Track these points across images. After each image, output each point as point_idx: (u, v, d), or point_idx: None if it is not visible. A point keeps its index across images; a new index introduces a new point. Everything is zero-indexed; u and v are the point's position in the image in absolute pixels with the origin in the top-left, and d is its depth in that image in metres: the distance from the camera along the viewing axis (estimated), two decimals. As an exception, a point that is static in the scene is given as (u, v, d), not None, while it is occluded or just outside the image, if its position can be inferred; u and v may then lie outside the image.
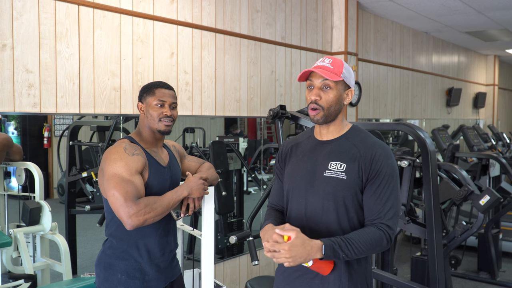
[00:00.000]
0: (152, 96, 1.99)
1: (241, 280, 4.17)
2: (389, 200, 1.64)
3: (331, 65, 1.69)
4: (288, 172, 1.81)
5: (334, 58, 1.73)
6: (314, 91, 1.70)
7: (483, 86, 9.61)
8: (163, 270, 2.03)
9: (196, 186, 1.99)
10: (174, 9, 3.46)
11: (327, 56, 1.76)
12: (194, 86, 3.63)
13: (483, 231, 4.80)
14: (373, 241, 1.60)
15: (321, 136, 1.77)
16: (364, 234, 1.61)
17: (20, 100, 2.65)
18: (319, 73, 1.68)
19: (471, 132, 6.00)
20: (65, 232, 3.23)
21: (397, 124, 4.70)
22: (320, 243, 1.55)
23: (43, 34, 2.73)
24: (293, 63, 4.61)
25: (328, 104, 1.69)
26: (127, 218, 1.79)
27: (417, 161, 3.10)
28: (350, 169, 1.66)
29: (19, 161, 2.98)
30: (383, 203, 1.64)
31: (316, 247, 1.54)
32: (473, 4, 5.36)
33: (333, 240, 1.56)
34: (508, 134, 8.31)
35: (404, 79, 6.69)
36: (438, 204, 2.41)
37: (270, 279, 2.90)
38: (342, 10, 5.02)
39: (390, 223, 1.63)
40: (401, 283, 2.63)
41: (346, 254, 1.57)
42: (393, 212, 1.65)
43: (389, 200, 1.64)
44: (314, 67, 1.71)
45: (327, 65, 1.69)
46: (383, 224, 1.63)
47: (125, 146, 1.92)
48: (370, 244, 1.60)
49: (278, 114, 2.68)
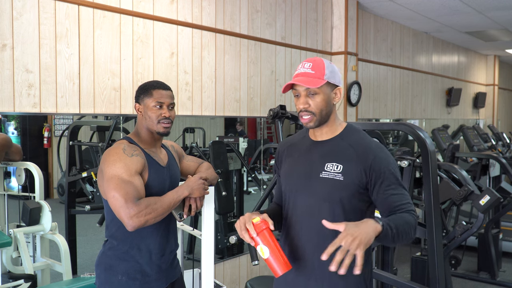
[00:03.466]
0: (150, 98, 1.97)
1: (241, 280, 4.17)
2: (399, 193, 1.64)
3: (312, 69, 1.66)
4: (283, 172, 1.81)
5: (314, 60, 1.69)
6: (302, 100, 1.67)
7: (483, 86, 9.61)
8: (163, 270, 2.03)
9: (196, 186, 1.98)
10: (174, 9, 3.46)
11: (308, 59, 1.71)
12: (194, 86, 3.63)
13: (483, 231, 4.80)
14: (409, 223, 1.58)
15: (316, 137, 1.76)
16: (399, 216, 1.58)
17: (20, 100, 2.65)
18: (301, 84, 1.65)
19: (471, 132, 6.00)
20: (65, 232, 3.23)
21: (397, 124, 4.71)
22: (370, 219, 1.50)
23: (43, 34, 2.73)
24: (293, 63, 4.61)
25: (319, 109, 1.66)
26: (128, 219, 1.78)
27: (417, 161, 3.10)
28: (347, 170, 1.65)
29: (18, 161, 2.98)
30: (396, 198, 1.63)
31: (370, 221, 1.48)
32: (473, 4, 5.36)
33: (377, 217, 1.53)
34: (508, 134, 8.30)
35: (404, 79, 6.69)
36: (438, 204, 2.41)
37: (270, 279, 2.90)
38: (342, 10, 5.02)
39: (411, 208, 1.63)
40: (401, 283, 2.63)
41: (396, 231, 1.51)
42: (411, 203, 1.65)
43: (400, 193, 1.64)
44: (295, 76, 1.68)
45: (308, 71, 1.66)
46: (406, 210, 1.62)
47: (124, 147, 1.91)
48: (408, 225, 1.57)
49: (278, 114, 2.68)
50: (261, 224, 1.57)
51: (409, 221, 1.59)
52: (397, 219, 1.57)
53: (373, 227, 1.46)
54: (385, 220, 1.52)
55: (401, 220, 1.57)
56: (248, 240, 1.57)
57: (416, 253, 4.44)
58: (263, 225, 1.57)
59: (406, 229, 1.56)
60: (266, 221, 1.58)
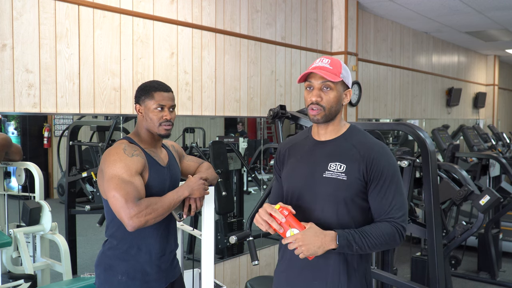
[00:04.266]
0: (152, 100, 1.96)
1: (241, 280, 4.17)
2: (395, 198, 1.65)
3: (330, 65, 1.68)
4: (286, 173, 1.80)
5: (332, 58, 1.72)
6: (314, 92, 1.68)
7: (483, 86, 9.61)
8: (163, 270, 2.03)
9: (197, 186, 1.98)
10: (174, 9, 3.46)
11: (324, 56, 1.74)
12: (194, 86, 3.63)
13: (483, 231, 4.80)
14: (386, 236, 1.61)
15: (319, 136, 1.76)
16: (377, 228, 1.62)
17: (20, 100, 2.65)
18: (320, 74, 1.66)
19: (471, 132, 6.00)
20: (65, 232, 3.23)
21: (397, 124, 4.71)
22: (333, 233, 1.57)
23: (43, 34, 2.73)
24: (293, 63, 4.61)
25: (330, 104, 1.68)
26: (128, 219, 1.78)
27: (417, 161, 3.10)
28: (350, 169, 1.65)
29: (18, 161, 2.98)
30: (389, 202, 1.64)
31: (330, 237, 1.56)
32: (473, 4, 5.36)
33: (347, 232, 1.58)
34: (508, 134, 8.30)
35: (404, 79, 6.69)
36: (438, 204, 2.41)
37: (270, 279, 2.90)
38: (342, 10, 5.02)
39: (400, 220, 1.64)
40: (401, 283, 2.63)
41: (359, 247, 1.57)
42: (402, 209, 1.66)
43: (396, 198, 1.65)
44: (314, 67, 1.69)
45: (326, 66, 1.68)
46: (393, 221, 1.64)
47: (125, 147, 1.91)
48: (384, 238, 1.61)
49: (278, 114, 2.68)
50: (283, 210, 1.60)
51: (386, 232, 1.62)
52: (370, 231, 1.61)
53: (326, 244, 1.56)
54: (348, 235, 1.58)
55: (375, 231, 1.61)
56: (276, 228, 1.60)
57: (416, 253, 4.44)
58: (285, 210, 1.60)
59: (376, 242, 1.60)
60: (286, 207, 1.61)
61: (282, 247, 1.78)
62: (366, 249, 1.59)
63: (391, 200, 1.64)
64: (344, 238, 1.56)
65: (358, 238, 1.58)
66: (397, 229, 1.63)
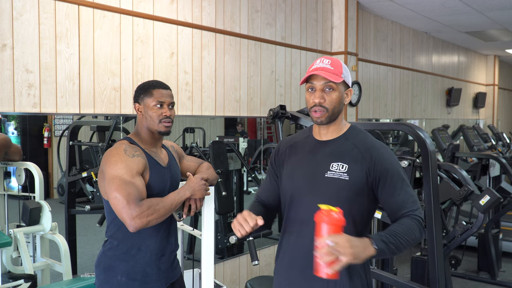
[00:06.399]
0: (150, 97, 1.97)
1: (241, 280, 4.17)
2: (407, 192, 1.65)
3: (331, 65, 1.67)
4: (286, 173, 1.79)
5: (332, 58, 1.71)
6: (317, 94, 1.67)
7: (483, 86, 9.61)
8: (163, 271, 2.02)
9: (198, 187, 1.98)
10: (174, 9, 3.46)
11: (324, 57, 1.73)
12: (194, 86, 3.63)
13: (483, 231, 4.80)
14: (412, 230, 1.59)
15: (321, 136, 1.76)
16: (403, 225, 1.59)
17: (20, 100, 2.65)
18: (322, 75, 1.65)
19: (471, 132, 6.00)
20: (65, 232, 3.23)
21: (397, 124, 4.71)
22: (367, 238, 1.51)
23: (43, 34, 2.73)
24: (293, 63, 4.61)
25: (332, 105, 1.67)
26: (130, 220, 1.78)
27: (417, 161, 3.10)
28: (352, 169, 1.65)
29: (18, 161, 2.98)
30: (402, 197, 1.64)
31: (367, 242, 1.50)
32: (473, 4, 5.36)
33: (378, 235, 1.54)
34: (508, 134, 8.30)
35: (404, 79, 6.69)
36: (438, 204, 2.41)
37: (270, 279, 2.90)
38: (342, 10, 5.02)
39: (418, 211, 1.64)
40: (401, 283, 2.63)
41: (396, 246, 1.53)
42: (417, 202, 1.66)
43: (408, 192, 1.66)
44: (315, 68, 1.69)
45: (328, 66, 1.67)
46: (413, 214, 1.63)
47: (125, 147, 1.91)
48: (412, 233, 1.59)
49: (278, 114, 2.68)
50: None
51: (411, 227, 1.60)
52: (398, 229, 1.58)
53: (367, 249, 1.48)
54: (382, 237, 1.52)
55: (401, 228, 1.58)
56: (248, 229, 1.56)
57: (416, 253, 4.44)
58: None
59: (407, 238, 1.57)
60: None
61: (282, 247, 1.78)
62: (401, 248, 1.56)
63: (404, 195, 1.65)
64: (380, 241, 1.51)
65: (392, 238, 1.54)
66: (418, 221, 1.62)
